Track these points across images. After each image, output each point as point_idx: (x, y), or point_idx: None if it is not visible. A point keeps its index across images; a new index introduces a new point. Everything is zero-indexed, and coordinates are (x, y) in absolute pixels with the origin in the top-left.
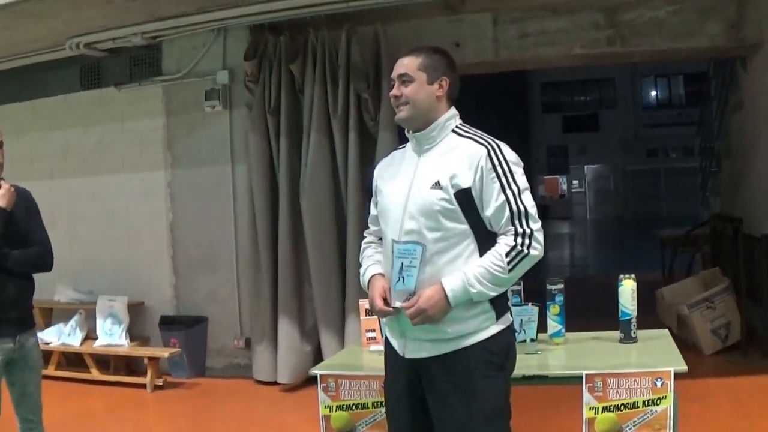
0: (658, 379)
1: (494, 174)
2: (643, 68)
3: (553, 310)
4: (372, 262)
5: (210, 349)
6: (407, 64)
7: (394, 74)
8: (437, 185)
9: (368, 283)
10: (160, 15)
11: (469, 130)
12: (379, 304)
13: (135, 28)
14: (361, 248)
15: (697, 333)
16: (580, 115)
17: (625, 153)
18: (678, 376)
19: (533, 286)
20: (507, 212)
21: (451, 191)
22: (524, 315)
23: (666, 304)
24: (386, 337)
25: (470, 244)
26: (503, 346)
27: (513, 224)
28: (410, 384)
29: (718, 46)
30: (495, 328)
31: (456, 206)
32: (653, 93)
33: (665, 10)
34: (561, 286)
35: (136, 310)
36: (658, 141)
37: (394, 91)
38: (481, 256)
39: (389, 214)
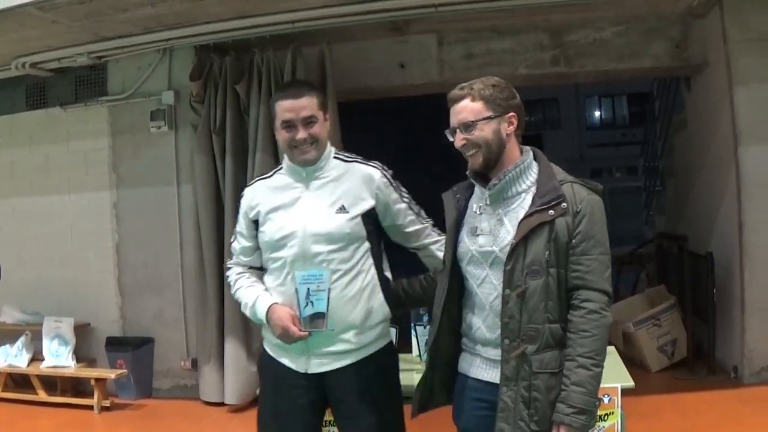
0: (605, 396)
1: (391, 188)
2: (587, 89)
3: None
4: (260, 291)
5: (157, 370)
6: (308, 105)
7: (295, 117)
8: (343, 209)
9: (267, 311)
10: (106, 35)
11: (349, 155)
12: (297, 330)
13: (80, 47)
14: (233, 279)
15: (643, 350)
16: (524, 135)
17: (569, 173)
18: (625, 392)
19: None
20: (412, 214)
21: (358, 213)
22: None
23: (612, 322)
24: (269, 358)
25: (368, 259)
26: (394, 351)
27: (422, 223)
28: (312, 401)
29: (662, 66)
30: (390, 333)
31: (362, 227)
32: (597, 113)
33: (610, 30)
34: None
35: (82, 331)
36: (603, 161)
37: (301, 135)
38: (376, 266)
39: (286, 242)
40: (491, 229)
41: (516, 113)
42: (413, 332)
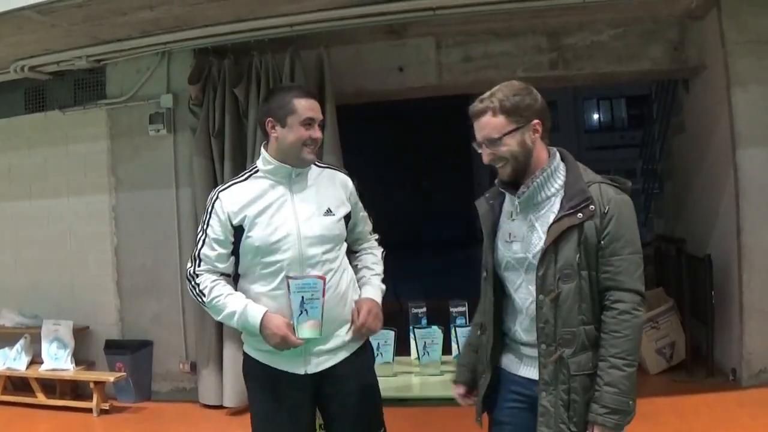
0: None
1: (357, 195)
2: (585, 91)
3: None
4: (246, 300)
5: (155, 373)
6: (319, 108)
7: (317, 116)
8: (330, 212)
9: (261, 319)
10: (105, 38)
11: (320, 161)
12: (295, 339)
13: (79, 51)
14: (208, 287)
15: (642, 353)
16: None
17: None
18: None
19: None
20: (369, 224)
21: (341, 215)
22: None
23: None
24: (259, 364)
25: (344, 259)
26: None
27: (371, 232)
28: (310, 400)
29: (660, 68)
30: None
31: (344, 228)
32: (595, 116)
33: (608, 33)
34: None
35: (81, 334)
36: (601, 163)
37: (318, 134)
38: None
39: (280, 245)
40: (524, 236)
41: (540, 119)
42: (412, 335)
